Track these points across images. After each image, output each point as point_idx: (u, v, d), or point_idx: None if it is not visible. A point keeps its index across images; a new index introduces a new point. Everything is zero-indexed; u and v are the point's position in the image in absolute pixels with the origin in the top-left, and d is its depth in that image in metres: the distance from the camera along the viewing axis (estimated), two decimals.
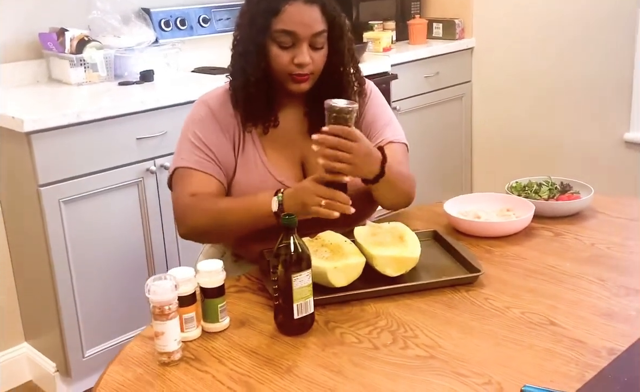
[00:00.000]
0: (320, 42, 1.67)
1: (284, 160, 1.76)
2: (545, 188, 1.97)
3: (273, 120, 1.75)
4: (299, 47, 1.64)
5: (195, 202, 1.66)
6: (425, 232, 1.77)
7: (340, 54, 1.72)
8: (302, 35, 1.63)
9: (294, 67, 1.65)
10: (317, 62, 1.67)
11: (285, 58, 1.65)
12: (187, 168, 1.69)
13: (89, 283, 2.52)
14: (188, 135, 1.73)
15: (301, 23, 1.63)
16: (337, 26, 1.70)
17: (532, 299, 1.45)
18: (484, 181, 4.05)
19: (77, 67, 2.83)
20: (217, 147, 1.71)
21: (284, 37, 1.64)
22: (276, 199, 1.56)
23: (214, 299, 1.36)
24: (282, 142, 1.76)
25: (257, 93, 1.69)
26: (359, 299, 1.47)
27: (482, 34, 3.87)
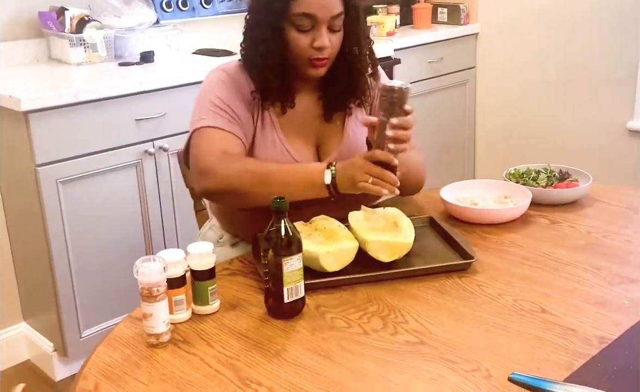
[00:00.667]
0: (338, 25, 1.65)
1: (300, 142, 1.75)
2: (544, 175, 1.96)
3: (290, 101, 1.74)
4: (318, 30, 1.62)
5: (231, 159, 1.61)
6: (421, 218, 1.76)
7: (355, 36, 1.71)
8: (321, 18, 1.62)
9: (313, 50, 1.63)
10: (334, 45, 1.66)
11: (304, 41, 1.63)
12: (212, 127, 1.65)
13: (86, 264, 2.52)
14: (209, 97, 1.69)
15: (320, 5, 1.61)
16: (352, 8, 1.68)
17: (525, 286, 1.44)
18: (487, 168, 4.03)
19: (77, 47, 2.82)
20: (239, 110, 1.68)
21: (303, 20, 1.62)
22: (329, 172, 1.54)
23: (204, 281, 1.36)
24: (297, 125, 1.75)
25: (274, 77, 1.68)
26: (350, 284, 1.47)
27: (487, 19, 3.83)
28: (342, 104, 1.77)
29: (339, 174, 1.53)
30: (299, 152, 1.73)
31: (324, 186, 1.54)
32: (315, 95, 1.78)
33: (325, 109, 1.77)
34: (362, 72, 1.74)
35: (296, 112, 1.75)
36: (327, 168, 1.55)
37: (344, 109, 1.78)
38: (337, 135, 1.78)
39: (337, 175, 1.53)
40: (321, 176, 1.54)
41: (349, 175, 1.52)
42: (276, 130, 1.72)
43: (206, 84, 1.75)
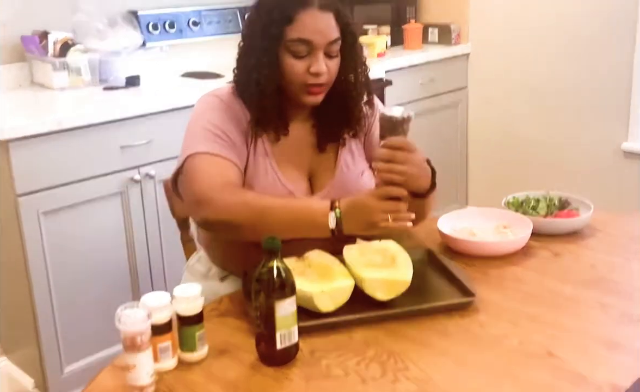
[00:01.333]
0: (335, 51, 1.60)
1: (292, 170, 1.68)
2: (543, 204, 1.89)
3: (284, 129, 1.67)
4: (314, 55, 1.56)
5: (232, 190, 1.53)
6: (418, 251, 1.68)
7: (352, 62, 1.65)
8: (318, 44, 1.56)
9: (310, 76, 1.57)
10: (331, 71, 1.60)
11: (300, 68, 1.57)
12: (208, 153, 1.57)
13: (68, 298, 2.43)
14: (202, 123, 1.62)
15: (317, 31, 1.55)
16: (350, 33, 1.62)
17: (531, 326, 1.37)
18: (480, 190, 3.97)
19: (60, 72, 2.74)
20: (235, 137, 1.61)
21: (299, 46, 1.56)
22: (334, 215, 1.46)
23: (191, 326, 1.27)
24: (291, 153, 1.68)
25: (270, 104, 1.62)
26: (346, 326, 1.39)
27: (478, 39, 3.79)
28: (336, 134, 1.71)
29: (345, 217, 1.46)
30: (291, 182, 1.66)
31: (327, 229, 1.47)
32: (309, 124, 1.71)
33: (319, 139, 1.70)
34: (357, 101, 1.68)
35: (290, 141, 1.68)
36: (331, 209, 1.46)
37: (338, 139, 1.71)
38: (330, 167, 1.71)
39: (345, 221, 1.46)
40: (325, 219, 1.47)
41: (362, 220, 1.45)
42: (269, 158, 1.65)
43: (198, 109, 1.68)
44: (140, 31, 3.05)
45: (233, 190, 1.54)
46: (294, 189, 1.65)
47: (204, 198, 1.53)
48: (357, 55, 1.66)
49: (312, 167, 1.71)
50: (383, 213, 1.43)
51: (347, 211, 1.46)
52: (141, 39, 3.02)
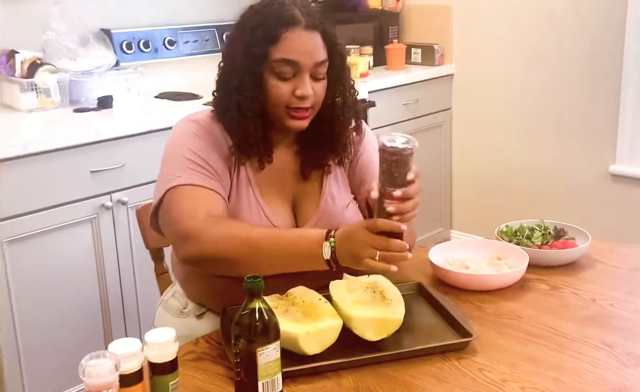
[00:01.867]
0: (322, 73, 1.50)
1: (276, 200, 1.57)
2: (538, 233, 1.80)
3: (268, 156, 1.56)
4: (300, 78, 1.46)
5: (218, 222, 1.42)
6: (408, 285, 1.58)
7: (340, 85, 1.55)
8: (304, 65, 1.46)
9: (295, 99, 1.47)
10: (318, 95, 1.50)
11: (285, 90, 1.47)
12: (190, 185, 1.46)
13: (34, 333, 2.29)
14: (181, 153, 1.50)
15: (303, 51, 1.45)
16: (337, 54, 1.53)
17: (532, 370, 1.27)
18: (465, 213, 3.89)
19: (28, 92, 2.61)
20: (217, 165, 1.50)
21: (284, 67, 1.46)
22: (328, 245, 1.35)
23: (164, 375, 1.15)
24: (274, 181, 1.58)
25: (254, 129, 1.51)
26: (334, 370, 1.28)
27: (462, 60, 3.72)
28: (321, 161, 1.60)
29: (339, 247, 1.34)
30: (275, 213, 1.55)
31: (322, 260, 1.35)
32: (292, 150, 1.61)
33: (302, 166, 1.60)
34: (344, 126, 1.58)
35: (272, 168, 1.58)
36: (325, 239, 1.35)
37: (323, 166, 1.60)
38: (315, 196, 1.61)
39: (338, 248, 1.34)
40: (319, 249, 1.35)
41: (350, 251, 1.33)
42: (252, 187, 1.54)
43: (176, 137, 1.56)
44: (113, 50, 2.94)
45: (220, 222, 1.43)
46: (277, 220, 1.55)
47: (189, 233, 1.42)
48: (345, 78, 1.57)
49: (295, 196, 1.60)
50: (371, 249, 1.31)
51: (340, 241, 1.35)
52: (114, 59, 2.91)
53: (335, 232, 1.36)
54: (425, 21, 3.80)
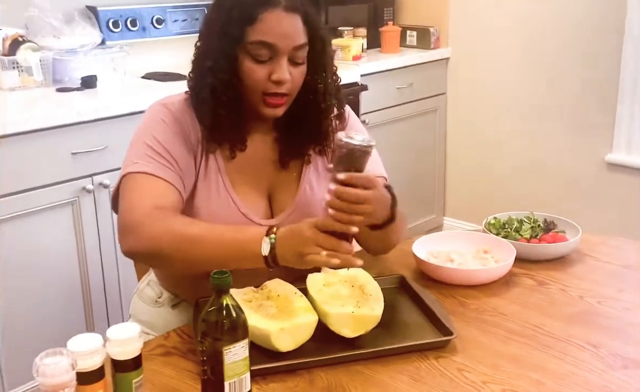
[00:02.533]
0: (301, 57, 1.43)
1: (249, 190, 1.51)
2: (527, 226, 1.75)
3: (240, 143, 1.50)
4: (277, 61, 1.40)
5: (159, 216, 1.35)
6: (390, 278, 1.54)
7: (321, 71, 1.48)
8: (281, 48, 1.39)
9: (271, 84, 1.41)
10: (295, 80, 1.43)
11: (260, 73, 1.40)
12: (144, 173, 1.40)
13: (13, 316, 2.23)
14: (144, 139, 1.45)
15: (281, 34, 1.39)
16: (319, 40, 1.46)
17: (514, 370, 1.22)
18: (458, 201, 3.83)
19: (9, 71, 2.54)
20: (179, 155, 1.44)
21: (260, 49, 1.39)
22: (268, 241, 1.28)
23: (127, 373, 1.10)
24: (248, 170, 1.51)
25: (226, 114, 1.44)
26: (307, 368, 1.23)
27: (458, 43, 3.65)
28: (301, 150, 1.54)
29: (279, 243, 1.28)
30: (247, 203, 1.49)
31: (261, 257, 1.29)
32: (270, 137, 1.54)
33: (281, 154, 1.54)
34: (326, 113, 1.51)
35: (247, 156, 1.51)
36: (266, 235, 1.29)
37: (302, 155, 1.54)
38: (293, 186, 1.55)
39: (278, 246, 1.28)
40: (257, 246, 1.28)
41: (294, 248, 1.27)
42: (221, 175, 1.48)
43: (144, 121, 1.50)
44: (99, 29, 2.86)
45: (161, 217, 1.36)
46: (248, 211, 1.48)
47: (128, 226, 1.36)
48: (327, 64, 1.50)
49: (272, 185, 1.54)
50: (317, 247, 1.24)
51: (282, 238, 1.28)
52: (100, 37, 2.84)
53: (277, 230, 1.29)
54: (421, 3, 3.72)
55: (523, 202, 3.27)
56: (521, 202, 3.26)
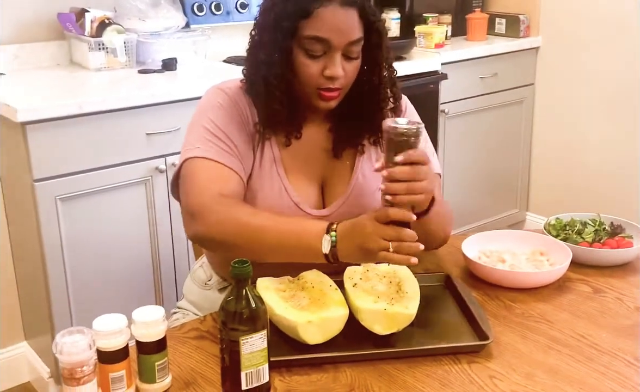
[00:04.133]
0: (356, 52, 1.41)
1: (302, 178, 1.51)
2: (591, 228, 1.66)
3: (296, 132, 1.50)
4: (331, 57, 1.39)
5: (224, 204, 1.37)
6: (435, 276, 1.50)
7: (377, 65, 1.46)
8: (336, 44, 1.38)
9: (324, 80, 1.40)
10: (349, 75, 1.42)
11: (314, 69, 1.39)
12: (205, 158, 1.42)
13: (85, 289, 2.33)
14: (203, 122, 1.47)
15: (336, 29, 1.37)
16: (375, 33, 1.43)
17: (549, 382, 1.16)
18: (543, 197, 3.68)
19: (95, 51, 2.64)
20: (237, 139, 1.45)
21: (314, 44, 1.38)
22: (329, 239, 1.27)
23: (150, 355, 1.13)
24: (301, 158, 1.51)
25: (280, 106, 1.44)
26: (333, 362, 1.22)
27: (550, 32, 3.48)
28: (355, 140, 1.52)
29: (341, 240, 1.27)
30: (299, 192, 1.49)
31: (321, 254, 1.28)
32: (324, 127, 1.54)
33: (335, 144, 1.52)
34: (380, 106, 1.48)
35: (302, 145, 1.51)
36: (326, 232, 1.28)
37: (356, 145, 1.52)
38: (346, 176, 1.53)
39: (339, 242, 1.26)
40: (318, 243, 1.28)
41: (359, 245, 1.25)
42: (276, 163, 1.48)
43: (202, 105, 1.52)
44: (183, 12, 2.93)
45: (227, 204, 1.37)
46: (300, 200, 1.48)
47: (195, 211, 1.38)
48: (383, 57, 1.47)
49: (325, 175, 1.53)
50: (382, 240, 1.23)
51: (344, 235, 1.27)
52: (184, 21, 2.90)
53: (337, 226, 1.28)
54: None
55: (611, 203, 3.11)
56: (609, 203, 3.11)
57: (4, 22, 2.65)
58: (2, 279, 2.53)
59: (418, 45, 3.22)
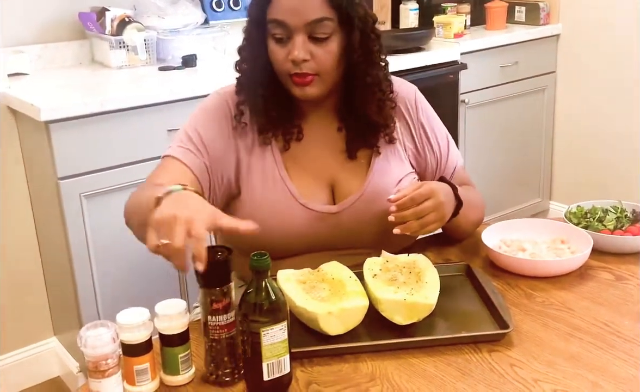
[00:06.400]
0: (322, 32, 1.39)
1: (308, 179, 1.50)
2: (612, 216, 1.64)
3: (296, 133, 1.50)
4: (292, 39, 1.39)
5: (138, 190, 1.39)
6: (456, 266, 1.50)
7: (352, 50, 1.42)
8: (292, 25, 1.37)
9: (291, 65, 1.40)
10: (321, 59, 1.40)
11: (281, 54, 1.40)
12: (169, 156, 1.46)
13: (111, 283, 2.37)
14: (186, 125, 1.51)
15: (291, 10, 1.37)
16: (344, 14, 1.40)
17: (571, 370, 1.16)
18: (566, 186, 3.65)
19: (116, 50, 2.67)
20: (214, 145, 1.46)
21: (276, 28, 1.39)
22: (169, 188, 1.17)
23: (173, 347, 1.15)
24: (308, 159, 1.51)
25: (270, 99, 1.46)
26: (354, 353, 1.23)
27: (571, 19, 3.45)
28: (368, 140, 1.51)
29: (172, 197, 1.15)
30: (306, 193, 1.48)
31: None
32: (333, 127, 1.53)
33: (349, 145, 1.51)
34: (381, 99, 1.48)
35: (306, 145, 1.51)
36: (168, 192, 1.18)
37: (372, 146, 1.52)
38: (360, 175, 1.52)
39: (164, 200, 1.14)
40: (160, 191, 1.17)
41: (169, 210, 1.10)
42: (277, 165, 1.48)
43: (197, 108, 1.55)
44: (202, 9, 2.95)
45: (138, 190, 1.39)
46: (308, 201, 1.48)
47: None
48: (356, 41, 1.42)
49: (335, 174, 1.52)
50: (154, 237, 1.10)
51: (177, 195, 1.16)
52: (202, 17, 2.92)
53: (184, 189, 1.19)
54: None
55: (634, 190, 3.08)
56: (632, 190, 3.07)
57: (28, 23, 2.69)
58: (31, 276, 2.57)
59: (437, 36, 3.21)
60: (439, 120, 1.63)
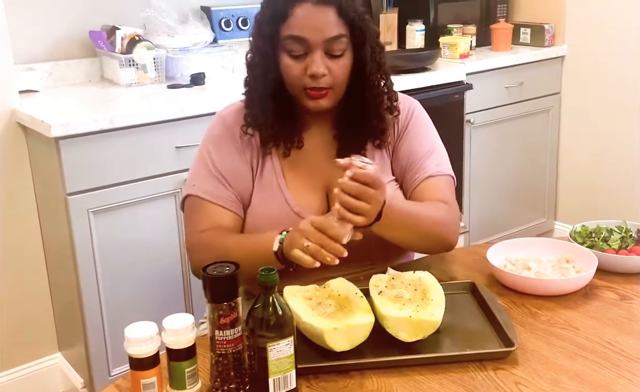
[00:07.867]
0: (339, 49, 1.45)
1: (305, 187, 1.55)
2: (617, 236, 1.65)
3: (297, 141, 1.54)
4: (311, 55, 1.43)
5: (203, 239, 1.49)
6: (461, 283, 1.51)
7: (362, 63, 1.49)
8: (313, 42, 1.42)
9: (309, 79, 1.44)
10: (335, 73, 1.45)
11: (297, 69, 1.44)
12: (199, 198, 1.52)
13: (117, 299, 2.38)
14: (202, 155, 1.57)
15: (311, 27, 1.42)
16: (358, 30, 1.46)
17: (575, 388, 1.17)
18: (571, 207, 3.65)
19: (126, 68, 2.70)
20: (231, 171, 1.53)
21: (293, 44, 1.43)
22: (279, 237, 1.36)
23: (180, 362, 1.16)
24: (304, 167, 1.56)
25: (277, 111, 1.50)
26: (359, 369, 1.23)
27: (576, 41, 3.47)
28: (357, 145, 1.55)
29: (287, 239, 1.34)
30: (301, 201, 1.53)
31: (272, 253, 1.35)
32: (330, 134, 1.57)
33: (338, 151, 1.55)
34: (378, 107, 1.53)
35: (304, 152, 1.56)
36: (279, 233, 1.36)
37: (359, 151, 1.55)
38: None
39: (285, 241, 1.34)
40: (270, 245, 1.36)
41: (290, 240, 1.33)
42: (276, 174, 1.53)
43: (205, 135, 1.61)
44: (211, 28, 2.98)
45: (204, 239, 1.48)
46: (301, 210, 1.52)
47: (187, 251, 1.54)
48: (368, 55, 1.49)
49: (330, 182, 1.53)
50: (305, 239, 1.29)
51: (290, 234, 1.35)
52: (211, 36, 2.95)
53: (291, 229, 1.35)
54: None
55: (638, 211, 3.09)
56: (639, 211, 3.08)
57: (39, 41, 2.73)
58: (37, 291, 2.58)
59: (443, 56, 3.24)
60: (431, 132, 1.64)
